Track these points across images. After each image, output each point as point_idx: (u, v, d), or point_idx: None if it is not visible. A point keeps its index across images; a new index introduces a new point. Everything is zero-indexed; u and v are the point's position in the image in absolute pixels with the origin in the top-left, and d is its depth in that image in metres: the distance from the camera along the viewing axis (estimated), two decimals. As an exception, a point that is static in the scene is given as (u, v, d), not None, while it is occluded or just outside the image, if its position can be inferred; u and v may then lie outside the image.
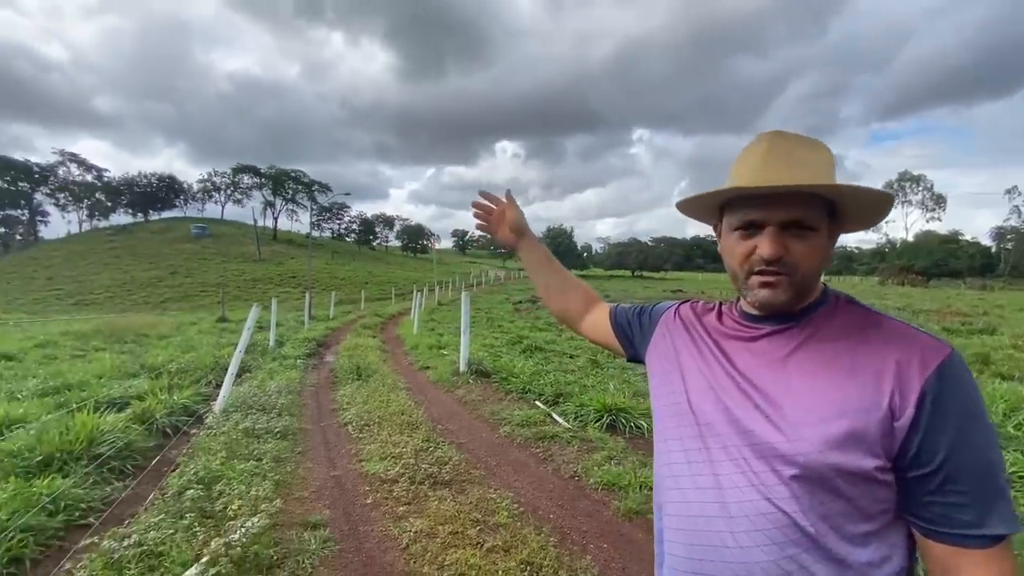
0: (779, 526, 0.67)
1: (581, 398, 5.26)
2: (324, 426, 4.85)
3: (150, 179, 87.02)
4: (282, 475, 3.44)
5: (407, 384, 6.75)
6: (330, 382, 6.98)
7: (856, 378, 0.68)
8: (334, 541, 2.66)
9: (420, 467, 3.52)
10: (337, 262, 65.42)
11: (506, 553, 2.49)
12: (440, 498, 3.10)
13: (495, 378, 6.74)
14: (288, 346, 9.89)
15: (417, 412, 5.01)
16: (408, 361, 9.10)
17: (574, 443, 4.21)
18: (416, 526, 2.73)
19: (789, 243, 0.72)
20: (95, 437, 3.69)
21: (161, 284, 45.01)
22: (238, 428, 4.15)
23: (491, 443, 4.39)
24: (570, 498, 3.28)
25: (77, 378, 6.33)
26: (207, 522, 2.59)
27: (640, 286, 46.13)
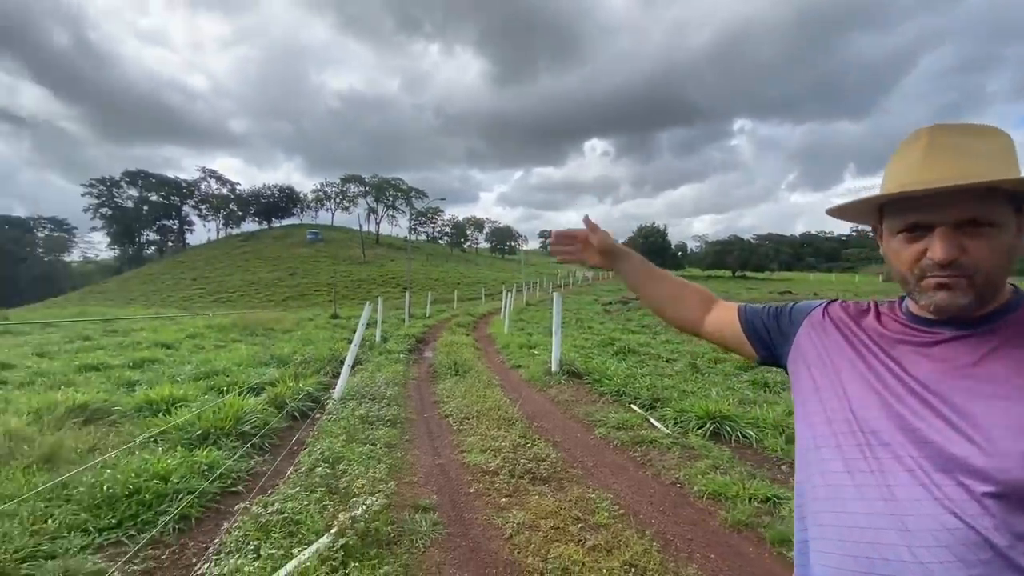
0: (968, 544, 0.62)
1: (680, 403, 5.07)
2: (427, 417, 5.15)
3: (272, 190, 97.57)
4: (393, 460, 3.72)
5: (501, 381, 6.93)
6: (430, 376, 7.37)
7: None
8: (442, 525, 2.83)
9: (519, 462, 3.61)
10: (431, 264, 68.75)
11: (608, 553, 2.49)
12: (540, 493, 3.17)
13: (587, 379, 6.71)
14: (392, 342, 10.60)
15: (512, 409, 5.14)
16: (500, 359, 9.33)
17: (674, 449, 4.08)
18: (518, 518, 2.82)
19: (965, 242, 0.66)
20: (241, 417, 4.24)
21: (282, 284, 50.27)
22: (355, 415, 4.55)
23: (586, 444, 4.38)
24: (672, 504, 3.19)
25: (221, 365, 7.29)
26: (334, 497, 2.88)
27: (743, 287, 43.16)
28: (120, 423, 4.49)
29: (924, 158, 0.67)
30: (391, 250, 75.33)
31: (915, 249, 0.69)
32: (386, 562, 2.34)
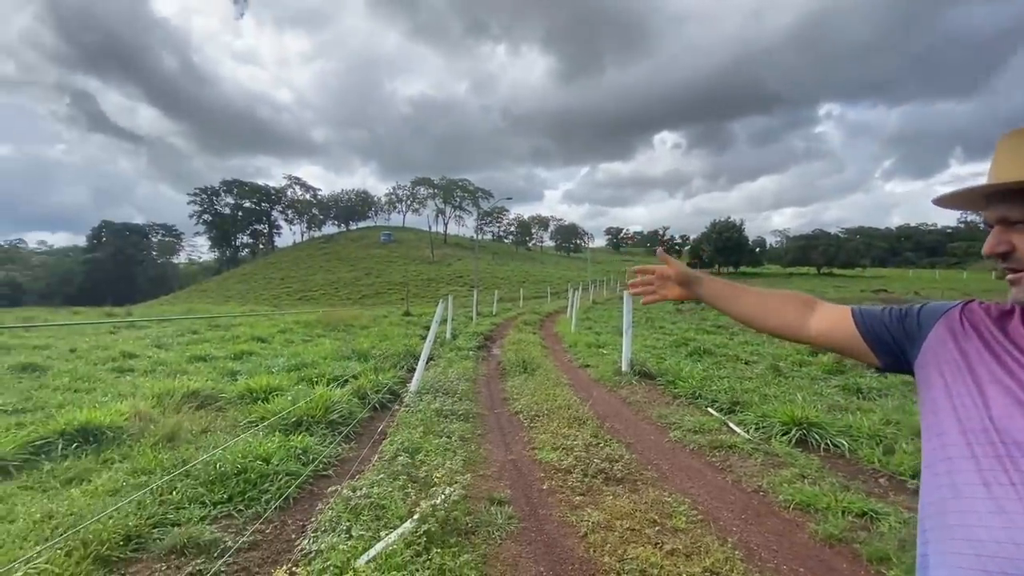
0: None
1: (762, 408, 4.82)
2: (497, 413, 5.25)
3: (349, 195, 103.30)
4: (468, 453, 3.84)
5: (570, 380, 6.92)
6: (499, 373, 7.51)
7: None
8: (517, 519, 2.89)
9: (592, 461, 3.61)
10: (497, 262, 69.71)
11: (687, 558, 2.43)
12: (614, 494, 3.15)
13: (660, 380, 6.53)
14: (461, 339, 10.90)
15: (583, 408, 5.12)
16: (568, 358, 9.30)
17: (756, 455, 3.89)
18: (593, 517, 2.82)
19: (1013, 237, 0.67)
20: (329, 406, 4.56)
21: (359, 283, 53.16)
22: (430, 408, 4.74)
23: (660, 446, 4.28)
24: (755, 513, 3.05)
25: (309, 358, 7.85)
26: (415, 485, 3.03)
27: (830, 285, 39.99)
28: (226, 408, 4.98)
29: (1006, 158, 0.67)
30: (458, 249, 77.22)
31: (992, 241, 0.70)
32: (465, 551, 2.44)
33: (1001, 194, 0.70)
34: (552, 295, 36.11)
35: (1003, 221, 0.69)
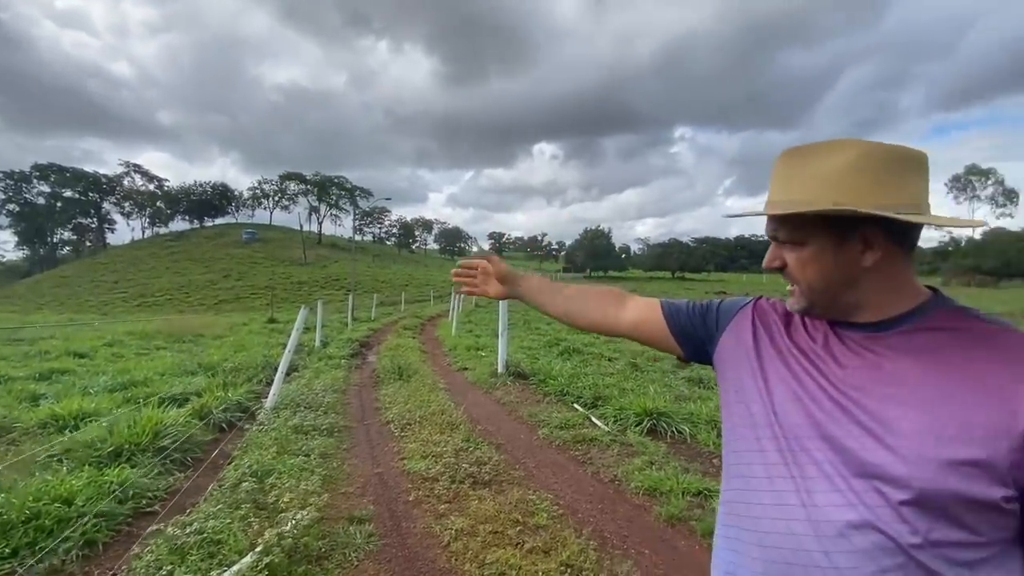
0: (883, 549, 0.62)
1: (620, 401, 5.20)
2: (367, 424, 4.99)
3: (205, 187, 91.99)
4: (329, 470, 3.57)
5: (447, 385, 6.85)
6: (373, 382, 7.17)
7: (978, 396, 0.62)
8: (378, 536, 2.74)
9: (460, 466, 3.57)
10: (378, 265, 67.21)
11: (546, 554, 2.50)
12: (480, 497, 3.14)
13: (533, 380, 6.75)
14: (332, 346, 10.24)
15: (457, 412, 5.08)
16: (447, 362, 9.23)
17: (614, 447, 4.17)
18: (457, 524, 2.78)
19: (785, 255, 0.74)
20: (159, 430, 3.94)
21: (215, 287, 47.47)
22: (288, 425, 4.34)
23: (530, 445, 4.40)
24: (610, 502, 3.25)
25: (142, 375, 6.76)
26: (261, 513, 2.72)
27: (681, 287, 45.04)
28: (20, 441, 4.06)
29: (773, 182, 0.74)
30: (335, 251, 72.95)
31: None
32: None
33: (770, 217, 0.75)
34: (436, 298, 35.76)
35: (774, 238, 0.75)
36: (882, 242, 0.68)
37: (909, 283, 0.72)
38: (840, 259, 0.70)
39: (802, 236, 0.71)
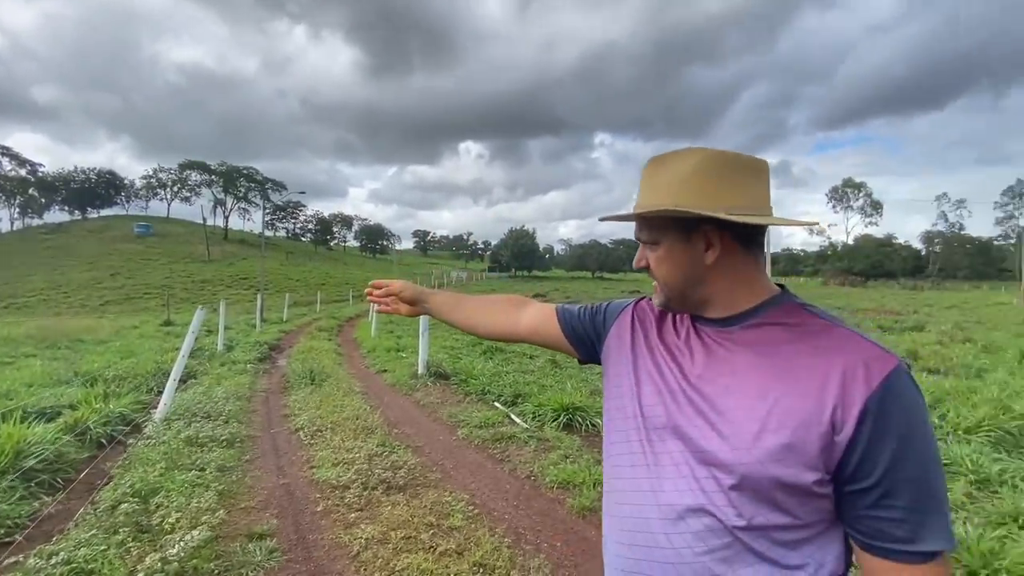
0: (713, 531, 0.68)
1: (539, 398, 5.31)
2: (274, 433, 4.69)
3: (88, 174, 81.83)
4: (227, 485, 3.31)
5: (363, 388, 6.62)
6: (282, 387, 6.75)
7: (799, 387, 0.66)
8: (281, 552, 2.57)
9: (374, 472, 3.46)
10: (292, 263, 63.45)
11: (459, 556, 2.48)
12: (393, 503, 3.06)
13: (454, 380, 6.71)
14: (238, 350, 9.51)
15: (373, 416, 4.92)
16: (365, 364, 8.92)
17: (531, 443, 4.25)
18: (368, 532, 2.68)
19: (649, 255, 0.78)
20: (22, 449, 3.44)
21: (100, 286, 42.33)
22: (180, 437, 3.96)
23: (448, 446, 4.36)
24: (525, 498, 3.31)
25: (4, 386, 5.87)
26: (143, 537, 2.46)
27: (600, 287, 46.92)
28: None
29: (639, 188, 0.79)
30: (243, 247, 67.92)
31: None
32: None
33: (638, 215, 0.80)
34: (355, 298, 34.42)
35: (639, 240, 0.80)
36: (724, 241, 0.73)
37: (756, 280, 0.76)
38: (686, 257, 0.74)
39: (657, 236, 0.76)
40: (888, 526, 0.63)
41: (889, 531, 0.63)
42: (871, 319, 14.07)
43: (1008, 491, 3.09)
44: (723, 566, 0.67)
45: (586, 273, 76.52)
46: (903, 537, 0.63)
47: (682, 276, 0.75)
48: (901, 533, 0.63)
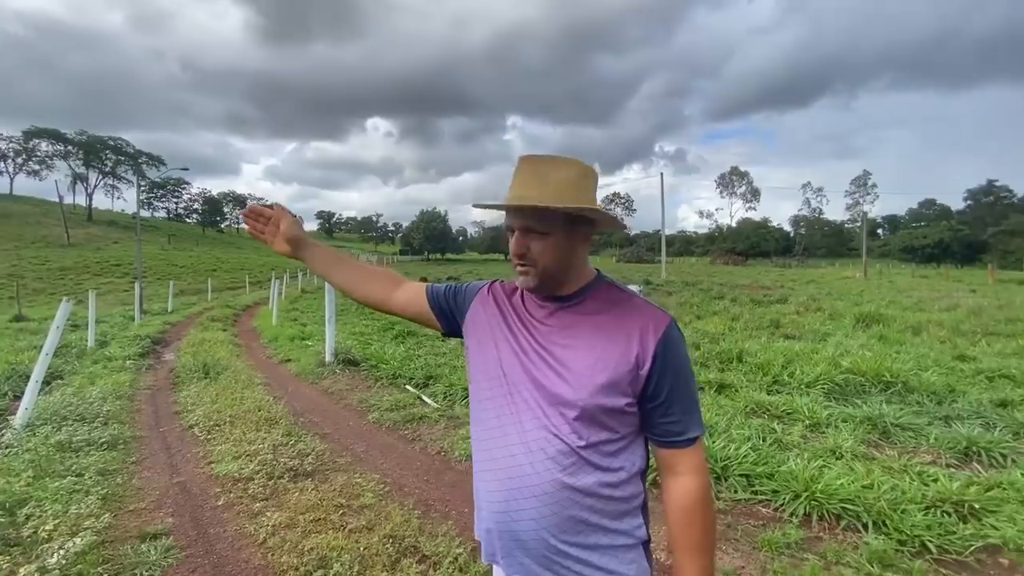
0: (563, 452, 0.89)
1: (450, 378, 5.45)
2: (164, 431, 4.38)
3: None
4: (111, 488, 3.08)
5: (266, 379, 6.33)
6: (171, 383, 6.24)
7: (613, 340, 0.91)
8: (179, 548, 2.49)
9: (279, 462, 3.41)
10: (176, 247, 57.19)
11: (369, 531, 2.58)
12: (301, 489, 3.06)
13: (364, 366, 6.63)
14: (114, 345, 8.56)
15: (277, 407, 4.76)
16: (266, 354, 8.47)
17: (442, 421, 4.40)
18: (274, 520, 2.68)
19: (530, 243, 0.92)
20: None
21: (-80, 277, 35.18)
22: (48, 443, 3.58)
23: (358, 430, 4.38)
24: (436, 472, 3.46)
25: None
26: (13, 550, 2.26)
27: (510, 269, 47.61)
28: None
29: (514, 181, 0.94)
30: (113, 229, 59.89)
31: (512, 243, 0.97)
32: (96, 608, 1.97)
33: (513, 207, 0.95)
34: (253, 285, 31.97)
35: (523, 229, 0.95)
36: (587, 236, 0.96)
37: (586, 266, 0.99)
38: (568, 246, 0.93)
39: (549, 228, 0.91)
40: (671, 426, 0.92)
41: (672, 429, 0.93)
42: (747, 294, 15.86)
43: (832, 432, 3.81)
44: (571, 478, 0.89)
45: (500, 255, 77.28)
46: (678, 431, 0.92)
47: (561, 262, 0.94)
48: (678, 429, 0.92)
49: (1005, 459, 3.30)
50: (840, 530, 2.55)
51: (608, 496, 0.91)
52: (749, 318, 10.10)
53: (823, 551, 2.37)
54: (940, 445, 3.51)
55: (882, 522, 2.49)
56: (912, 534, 2.39)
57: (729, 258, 66.63)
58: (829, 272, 39.79)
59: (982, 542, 2.35)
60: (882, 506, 2.55)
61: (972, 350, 6.87)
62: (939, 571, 2.21)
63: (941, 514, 2.55)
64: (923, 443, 3.61)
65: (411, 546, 2.45)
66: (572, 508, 0.89)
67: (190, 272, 39.95)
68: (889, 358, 5.72)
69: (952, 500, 2.61)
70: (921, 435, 3.72)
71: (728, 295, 15.84)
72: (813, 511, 2.66)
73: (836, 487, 2.74)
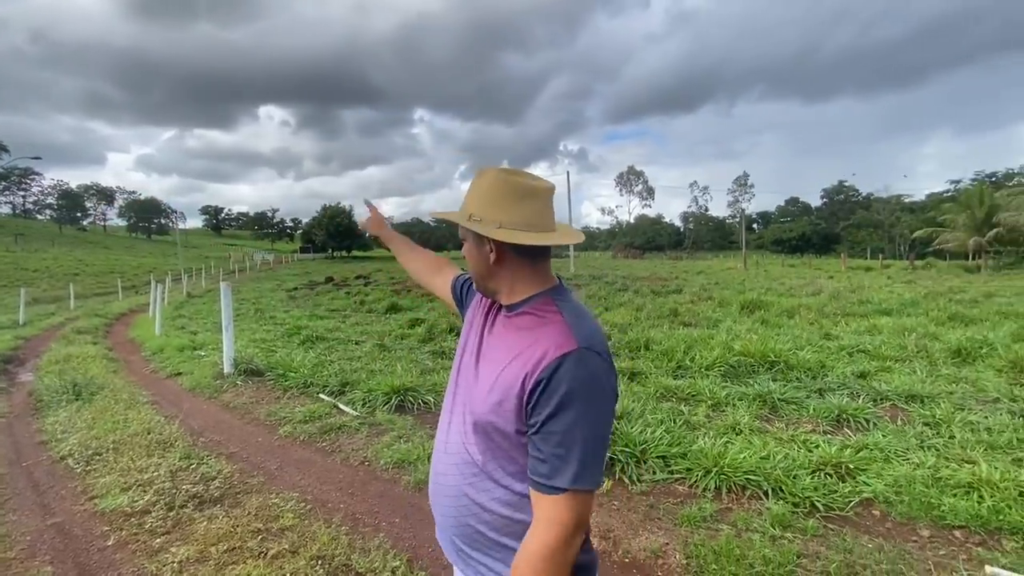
0: (467, 463, 0.93)
1: (369, 384, 5.24)
2: (29, 466, 3.74)
3: None
4: (-39, 542, 2.58)
5: (153, 397, 5.64)
6: (31, 408, 5.34)
7: (517, 359, 0.87)
8: (61, 602, 2.16)
9: (180, 489, 3.06)
10: (26, 248, 48.88)
11: (294, 555, 2.41)
12: (210, 517, 2.78)
13: (270, 376, 6.15)
14: (-53, 369, 7.13)
15: (170, 427, 4.27)
16: (151, 369, 7.55)
17: (363, 429, 4.21)
18: (181, 554, 2.41)
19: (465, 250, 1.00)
20: None
21: None
22: None
23: (269, 446, 4.06)
24: (360, 484, 3.31)
25: None
26: None
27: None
28: None
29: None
30: (-64, 229, 49.73)
31: None
32: None
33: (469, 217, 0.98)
34: (127, 290, 28.24)
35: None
36: (499, 248, 0.92)
37: (529, 278, 0.95)
38: (479, 256, 0.96)
39: (464, 236, 0.98)
40: (536, 464, 0.83)
41: (536, 467, 0.83)
42: (647, 286, 16.99)
43: (731, 410, 4.22)
44: (473, 490, 0.93)
45: (410, 253, 75.59)
46: (544, 473, 0.82)
47: (478, 270, 0.98)
48: (543, 470, 0.82)
49: (868, 423, 3.87)
50: (746, 499, 2.84)
51: (508, 516, 0.90)
52: (651, 308, 10.82)
53: (734, 520, 2.63)
54: (818, 415, 4.04)
55: (779, 488, 2.82)
56: (803, 496, 2.73)
57: (629, 252, 71.00)
58: (715, 263, 43.86)
59: (858, 498, 2.74)
60: (778, 474, 2.88)
61: (835, 329, 7.96)
62: (827, 527, 2.55)
63: (824, 476, 2.94)
64: (804, 414, 4.12)
65: (342, 565, 2.33)
66: (471, 519, 0.93)
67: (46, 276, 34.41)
68: (771, 340, 6.45)
69: (832, 463, 3.02)
70: (802, 407, 4.24)
71: (631, 287, 16.86)
72: (723, 484, 2.93)
73: (740, 461, 3.04)
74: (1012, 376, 4.97)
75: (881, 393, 4.53)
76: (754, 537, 2.44)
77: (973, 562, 2.24)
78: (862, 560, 2.23)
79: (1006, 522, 2.45)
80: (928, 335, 6.99)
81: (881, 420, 3.95)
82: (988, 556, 2.27)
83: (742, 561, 2.24)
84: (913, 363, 5.65)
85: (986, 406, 4.19)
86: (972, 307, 9.73)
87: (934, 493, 2.70)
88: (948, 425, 3.69)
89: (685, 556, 2.34)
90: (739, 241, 47.66)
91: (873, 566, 2.19)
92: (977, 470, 2.84)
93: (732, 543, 2.36)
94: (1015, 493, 2.63)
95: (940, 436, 3.53)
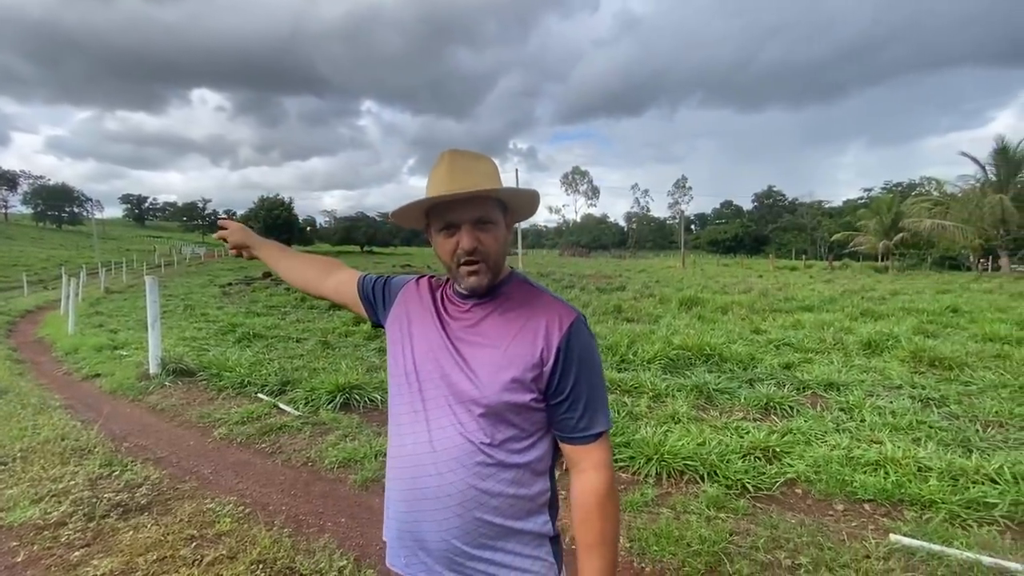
0: (469, 452, 0.88)
1: (312, 382, 5.07)
2: (-87, 481, 3.33)
3: None
4: None
5: (66, 400, 5.18)
6: (-84, 417, 4.75)
7: (521, 337, 0.90)
8: (-40, 627, 1.95)
9: (101, 498, 2.84)
10: (-96, 237, 43.18)
11: (232, 560, 2.30)
12: (136, 526, 2.59)
13: (202, 376, 5.80)
14: None
15: (88, 433, 3.94)
16: (64, 370, 6.92)
17: (305, 429, 4.08)
18: (103, 567, 2.23)
19: (480, 236, 0.90)
20: None
21: None
22: None
23: (202, 450, 3.84)
24: (303, 484, 3.21)
25: None
26: None
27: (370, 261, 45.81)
28: None
29: (448, 175, 0.90)
30: None
31: (451, 242, 0.92)
32: None
33: (446, 205, 0.90)
34: (33, 284, 25.60)
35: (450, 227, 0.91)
36: (508, 224, 0.98)
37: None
38: (504, 236, 0.95)
39: (494, 217, 0.92)
40: (575, 422, 0.91)
41: (576, 425, 0.91)
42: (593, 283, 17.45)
43: (671, 400, 4.43)
44: (478, 480, 0.90)
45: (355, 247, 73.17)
46: (583, 427, 0.91)
47: (502, 251, 0.95)
48: (582, 425, 0.91)
49: (792, 410, 4.20)
50: (684, 483, 3.01)
51: (514, 495, 0.91)
52: (597, 304, 11.14)
53: (673, 503, 2.77)
54: (748, 403, 4.33)
55: (714, 472, 3.00)
56: (736, 479, 2.92)
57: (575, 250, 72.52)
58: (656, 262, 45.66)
59: (783, 478, 2.97)
60: (713, 459, 3.07)
61: (764, 324, 8.52)
62: (756, 506, 2.75)
63: (754, 460, 3.16)
64: (736, 403, 4.40)
65: (286, 568, 2.26)
66: (477, 511, 0.89)
67: (-70, 270, 30.57)
68: (707, 335, 6.82)
69: (760, 447, 3.25)
70: (735, 397, 4.53)
71: (578, 284, 17.25)
72: (663, 470, 3.08)
73: (678, 448, 3.20)
74: (912, 366, 5.55)
75: (803, 382, 4.92)
76: (691, 518, 2.59)
77: (880, 531, 2.48)
78: (786, 535, 2.42)
79: (907, 494, 2.74)
80: (843, 329, 7.65)
81: (803, 407, 4.29)
82: (892, 526, 2.54)
83: (680, 541, 2.37)
84: (831, 355, 6.17)
85: (891, 392, 4.66)
86: (880, 304, 10.75)
87: (847, 471, 2.97)
88: (860, 410, 4.07)
89: (628, 540, 2.45)
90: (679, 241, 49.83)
91: (795, 539, 2.38)
92: (883, 449, 3.15)
93: (671, 525, 2.49)
94: (914, 469, 2.94)
95: (853, 420, 3.89)
